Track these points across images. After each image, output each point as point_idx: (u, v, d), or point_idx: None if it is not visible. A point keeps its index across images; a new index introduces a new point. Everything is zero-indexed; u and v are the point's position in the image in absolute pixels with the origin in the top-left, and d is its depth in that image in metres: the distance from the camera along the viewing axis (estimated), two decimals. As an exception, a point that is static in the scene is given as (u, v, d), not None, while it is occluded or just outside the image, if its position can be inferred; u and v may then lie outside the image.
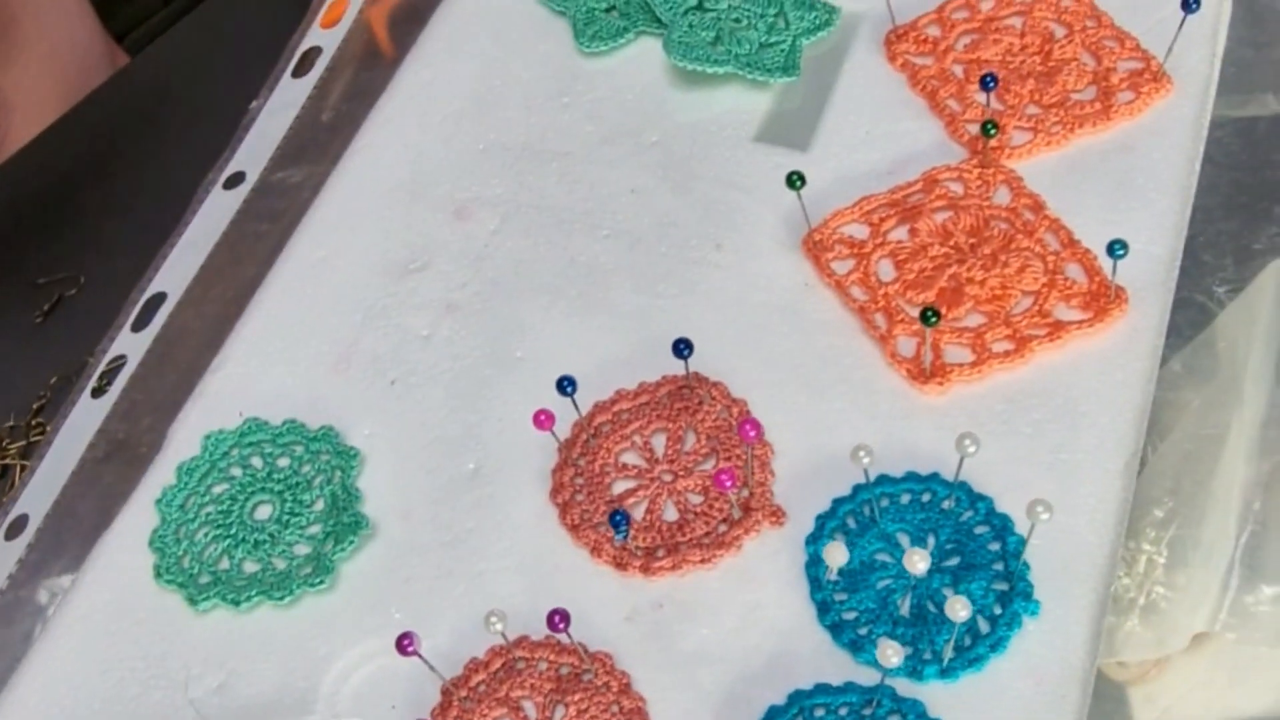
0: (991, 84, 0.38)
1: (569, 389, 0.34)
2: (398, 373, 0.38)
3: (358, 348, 0.39)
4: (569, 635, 0.31)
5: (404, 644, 0.30)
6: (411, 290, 0.40)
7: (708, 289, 0.39)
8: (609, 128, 0.42)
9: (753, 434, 0.32)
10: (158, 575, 0.35)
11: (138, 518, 0.36)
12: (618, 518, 0.32)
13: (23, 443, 0.52)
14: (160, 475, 0.37)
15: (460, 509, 0.36)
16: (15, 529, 0.38)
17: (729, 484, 0.32)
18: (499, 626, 0.31)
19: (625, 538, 0.33)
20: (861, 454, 0.32)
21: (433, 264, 0.40)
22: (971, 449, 0.32)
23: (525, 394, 0.37)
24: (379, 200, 0.42)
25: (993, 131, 0.38)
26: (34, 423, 0.53)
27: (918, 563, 0.30)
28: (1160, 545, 0.37)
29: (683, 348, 0.35)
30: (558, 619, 0.30)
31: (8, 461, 0.52)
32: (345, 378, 0.38)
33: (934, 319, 0.34)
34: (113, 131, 0.62)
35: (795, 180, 0.37)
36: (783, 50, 0.43)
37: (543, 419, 0.34)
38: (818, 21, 0.43)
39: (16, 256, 0.57)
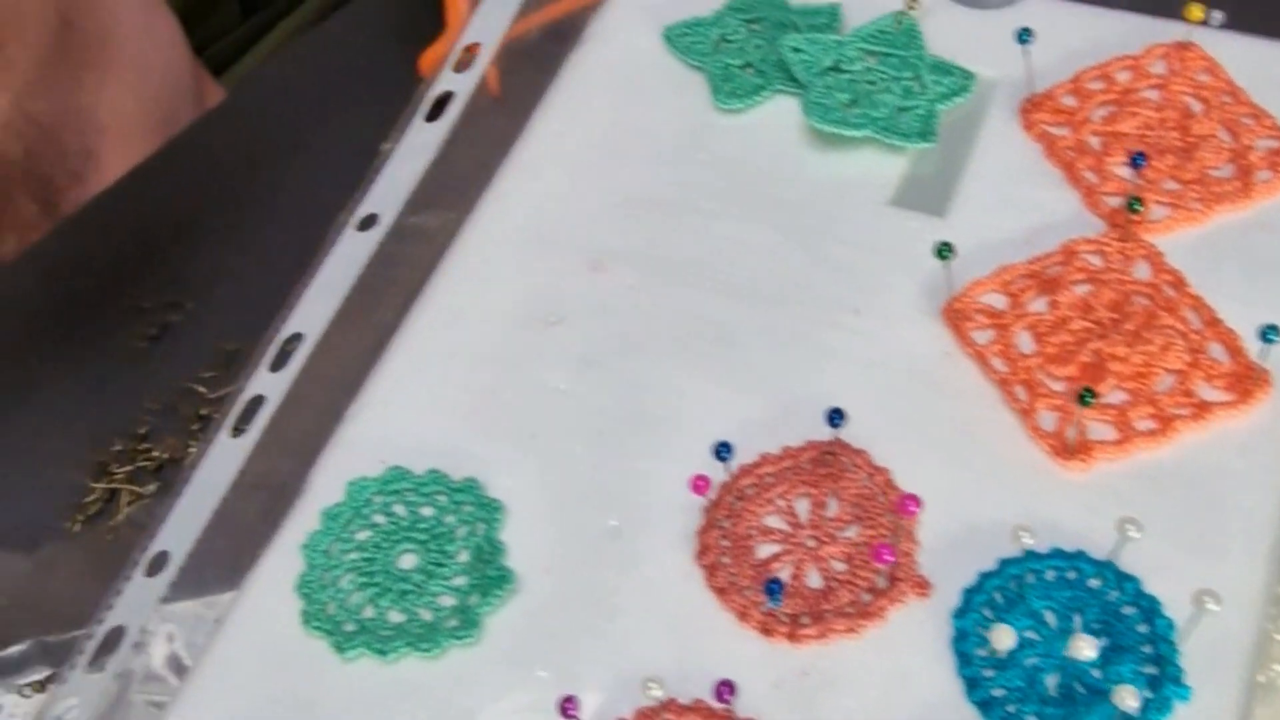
0: (1141, 162, 0.39)
1: (725, 455, 0.35)
2: (537, 426, 0.38)
3: (497, 399, 0.39)
4: (732, 706, 0.31)
5: (567, 708, 0.31)
6: (549, 344, 0.40)
7: (846, 353, 0.39)
8: (744, 185, 0.43)
9: (914, 509, 0.32)
10: (305, 621, 0.35)
11: (282, 561, 0.37)
12: (774, 586, 0.33)
13: (129, 467, 0.53)
14: (303, 519, 0.37)
15: (603, 566, 0.36)
16: (156, 565, 0.38)
17: (889, 558, 0.32)
18: (658, 694, 0.31)
19: (778, 605, 0.34)
20: (1023, 535, 0.32)
21: (569, 318, 0.41)
22: (1135, 534, 0.32)
23: (665, 453, 0.37)
24: (514, 250, 0.42)
25: (1138, 208, 0.39)
26: (139, 448, 0.54)
27: (1084, 649, 0.30)
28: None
29: (836, 417, 0.35)
30: (725, 690, 0.31)
31: (115, 485, 0.53)
32: (485, 429, 0.39)
33: (1090, 400, 0.34)
34: (217, 161, 0.63)
35: (944, 251, 0.38)
36: (919, 115, 0.43)
37: (700, 484, 0.34)
38: (954, 87, 0.44)
39: (124, 281, 0.58)
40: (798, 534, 0.36)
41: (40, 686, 0.48)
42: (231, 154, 0.62)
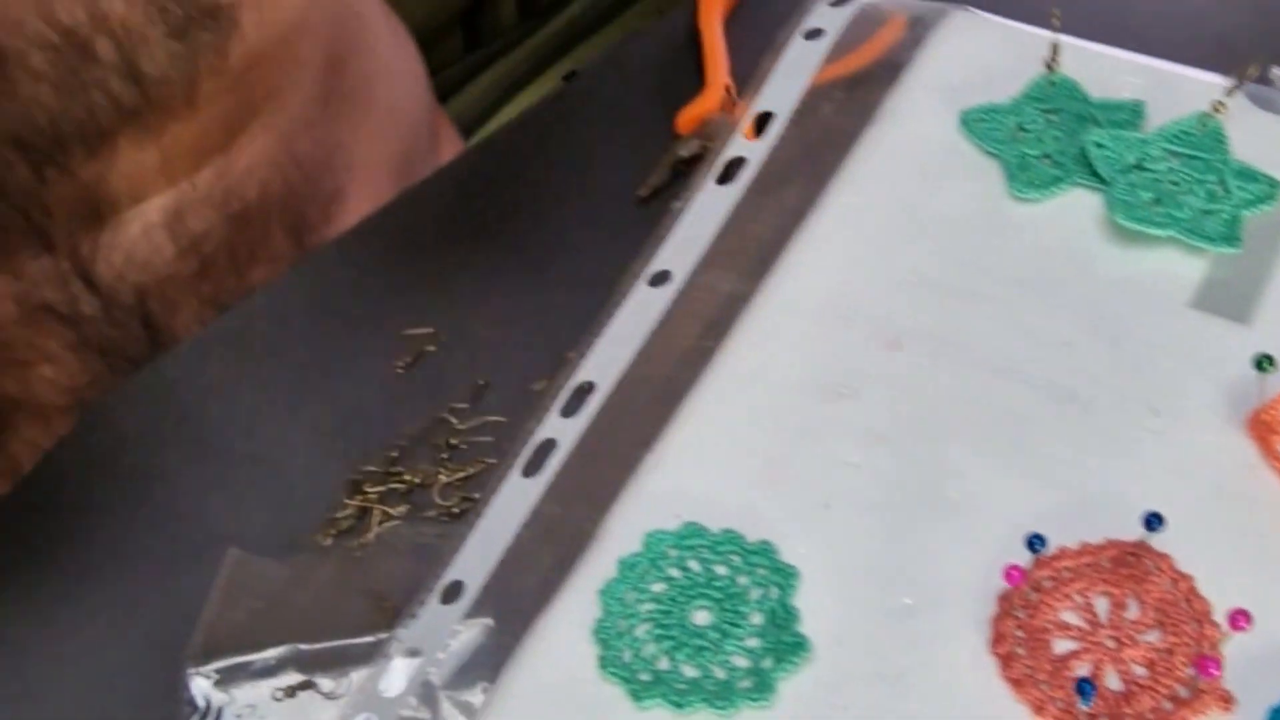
0: None
1: (1039, 547, 0.35)
2: (830, 496, 0.39)
3: (790, 466, 0.40)
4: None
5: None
6: (841, 416, 0.41)
7: (1143, 454, 0.39)
8: (1039, 275, 0.43)
9: (1244, 625, 0.32)
10: (603, 666, 0.36)
11: (577, 604, 0.38)
12: (1086, 686, 0.33)
13: (381, 488, 0.55)
14: (598, 565, 0.38)
15: (895, 644, 0.36)
16: (450, 594, 0.39)
17: (1214, 672, 0.32)
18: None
19: (1089, 705, 0.34)
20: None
21: (862, 392, 0.41)
22: None
23: (959, 536, 0.38)
24: (807, 320, 0.43)
25: None
26: (391, 470, 0.55)
27: None
28: None
29: (1154, 521, 0.35)
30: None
31: (366, 504, 0.55)
32: (778, 494, 0.39)
33: None
34: (467, 197, 0.65)
35: (1264, 364, 0.37)
36: (1224, 219, 0.43)
37: (1014, 574, 0.34)
38: (1260, 194, 0.43)
39: (385, 311, 0.60)
40: (1097, 633, 0.36)
41: (291, 692, 0.49)
42: (486, 194, 0.64)
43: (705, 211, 0.46)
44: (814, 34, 0.51)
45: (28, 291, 0.61)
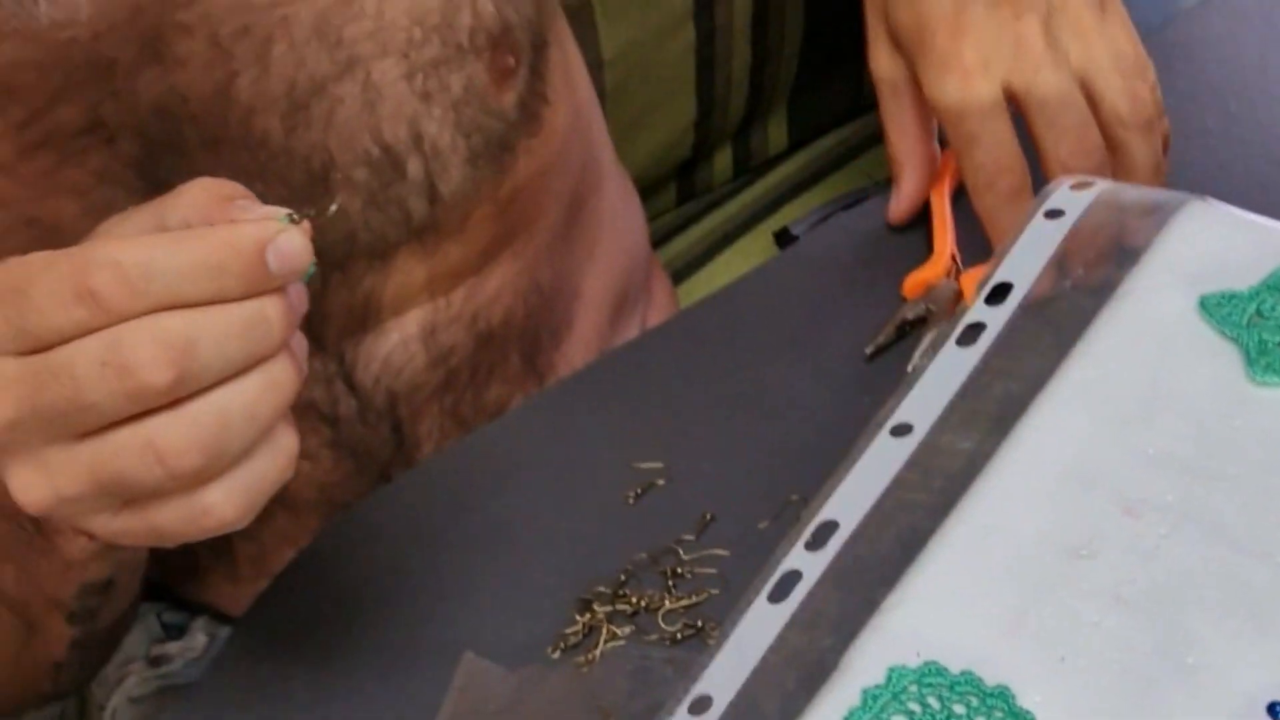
0: None
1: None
2: (1067, 651, 0.41)
3: (1029, 617, 0.42)
4: None
5: None
6: (1080, 575, 0.43)
7: (1381, 638, 0.40)
8: (1276, 458, 0.45)
9: None
10: (849, 790, 0.38)
11: (821, 728, 0.40)
12: None
13: (609, 608, 0.58)
14: (841, 693, 0.41)
15: (1130, 798, 0.38)
16: (699, 707, 0.42)
17: None
18: None
19: None
20: None
21: (1100, 554, 0.43)
22: None
23: (1197, 702, 0.39)
24: (1050, 481, 0.45)
25: None
26: (619, 593, 0.59)
27: None
28: None
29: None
30: None
31: (594, 622, 0.58)
32: (1016, 642, 0.41)
33: None
34: (699, 343, 0.69)
35: None
36: None
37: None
38: None
39: (615, 442, 0.64)
40: (1335, 807, 0.37)
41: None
42: (717, 340, 0.68)
43: (945, 371, 0.49)
44: (1054, 214, 0.54)
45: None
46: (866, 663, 0.41)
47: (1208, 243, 0.51)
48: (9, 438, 0.43)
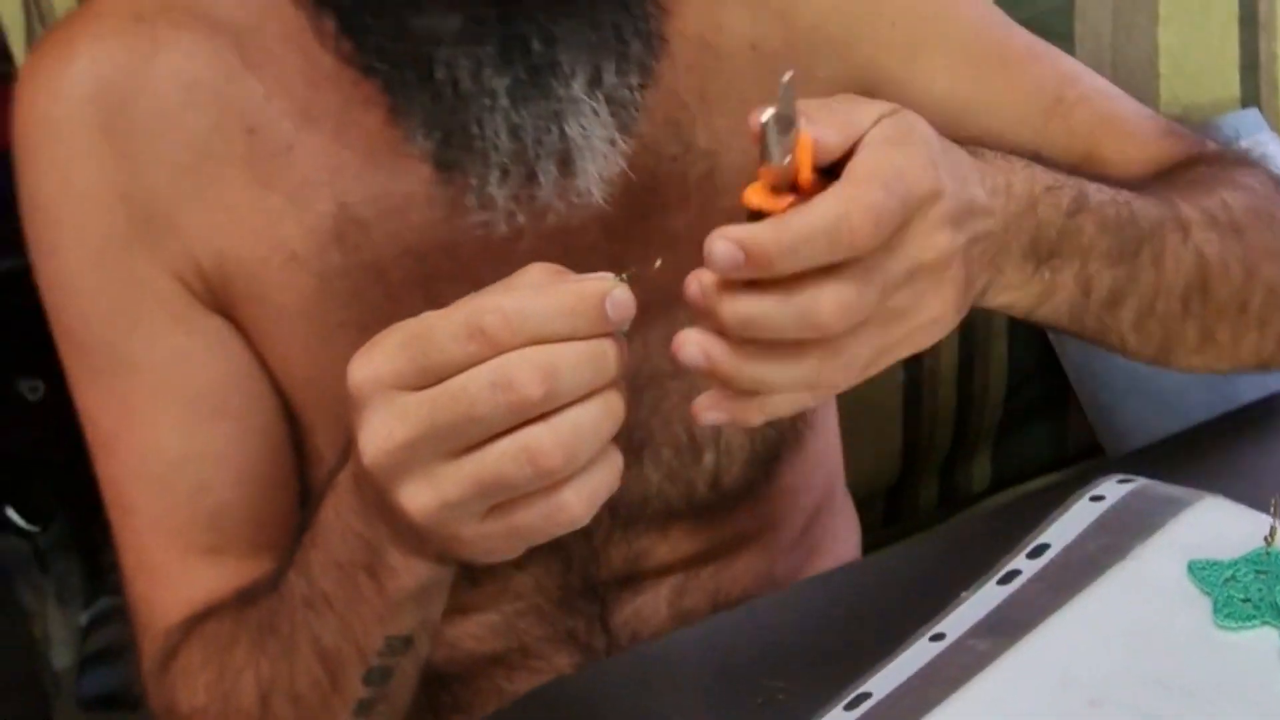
0: None
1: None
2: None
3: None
4: None
5: None
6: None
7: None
8: (1230, 682, 0.56)
9: None
10: None
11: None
12: None
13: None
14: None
15: None
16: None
17: None
18: None
19: None
20: None
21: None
22: None
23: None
24: (1035, 678, 0.58)
25: None
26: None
27: None
28: None
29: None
30: None
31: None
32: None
33: None
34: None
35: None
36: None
37: None
38: None
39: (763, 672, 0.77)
40: None
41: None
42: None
43: (983, 600, 0.64)
44: (1097, 499, 0.68)
45: (561, 618, 0.81)
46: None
47: (1208, 526, 0.64)
48: (405, 457, 0.52)
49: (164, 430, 0.71)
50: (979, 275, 0.58)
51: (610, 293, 0.52)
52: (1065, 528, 0.67)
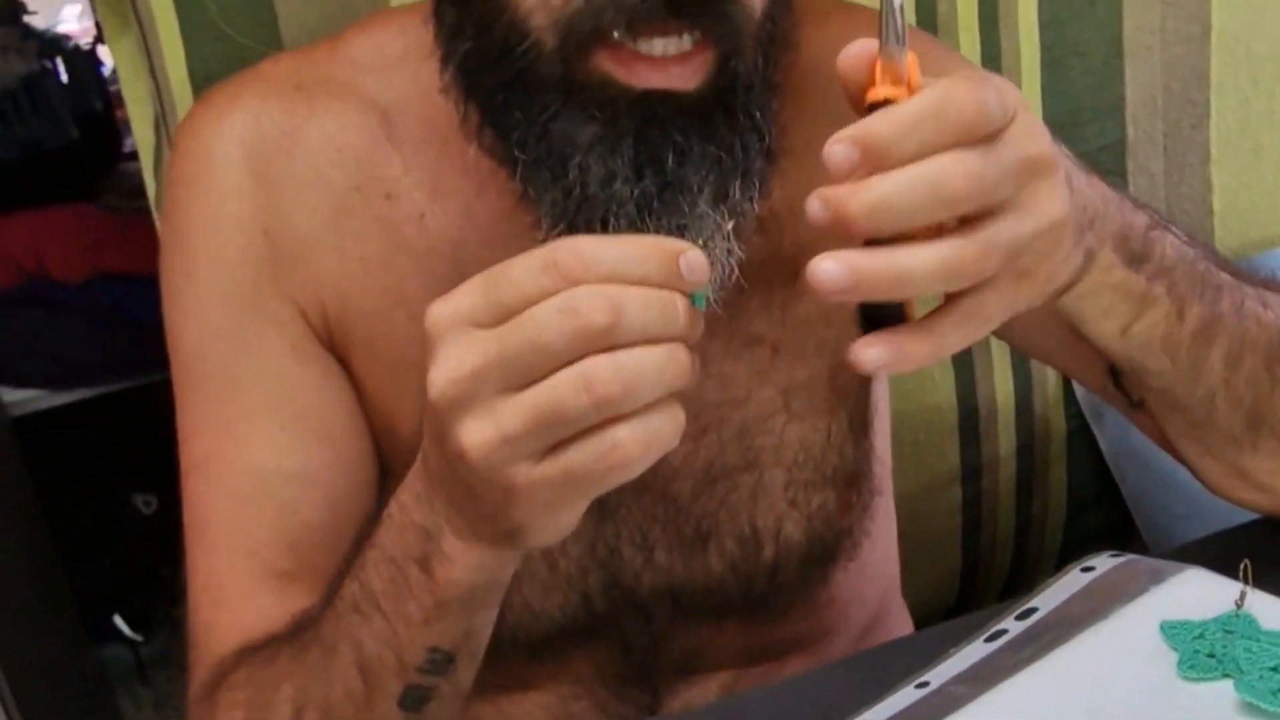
0: None
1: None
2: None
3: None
4: None
5: None
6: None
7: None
8: (1182, 723, 0.60)
9: None
10: None
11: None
12: None
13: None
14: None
15: None
16: None
17: None
18: None
19: None
20: None
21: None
22: None
23: None
24: (1005, 714, 0.62)
25: None
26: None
27: None
28: None
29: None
30: None
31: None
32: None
33: None
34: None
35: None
36: (1326, 711, 0.58)
37: None
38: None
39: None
40: None
41: None
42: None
43: (968, 655, 0.67)
44: (1088, 569, 0.72)
45: (614, 704, 0.84)
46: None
47: (1186, 592, 0.68)
48: (471, 388, 0.53)
49: (260, 445, 0.73)
50: (1084, 220, 0.58)
51: (686, 252, 0.54)
52: (1054, 594, 0.70)
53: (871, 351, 0.54)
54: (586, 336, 0.52)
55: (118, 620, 2.10)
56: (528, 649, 0.81)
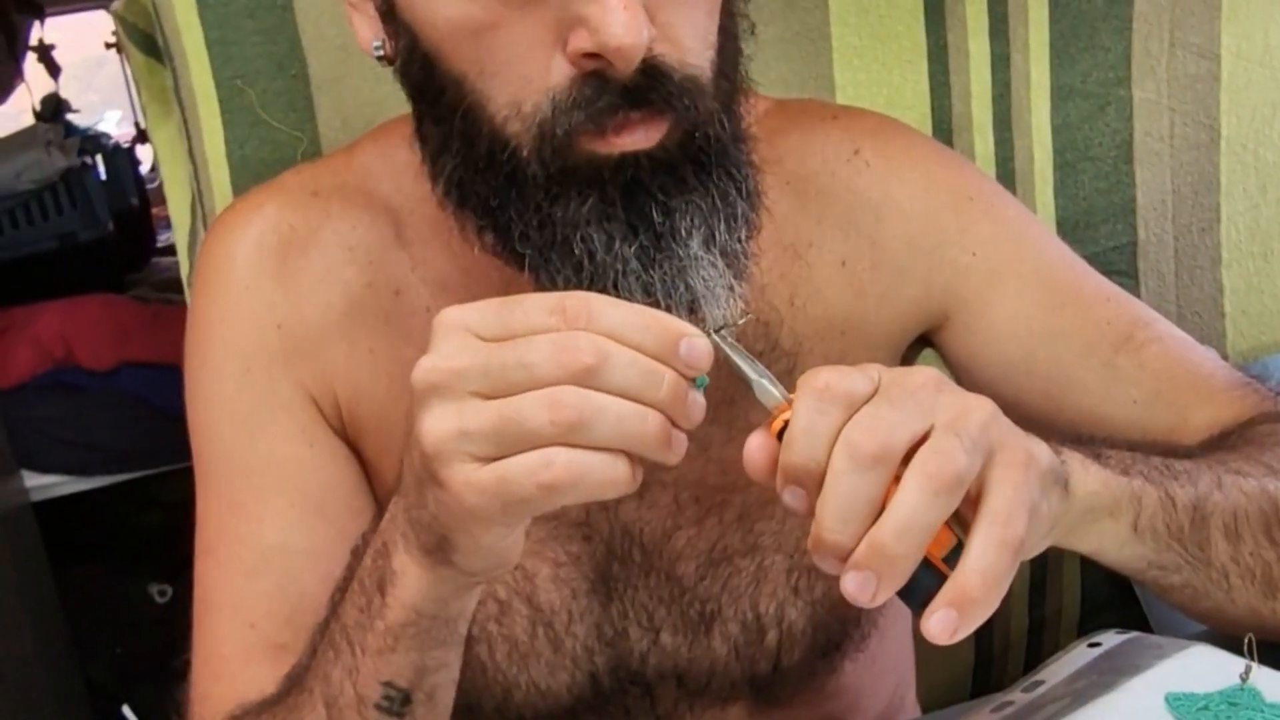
0: None
1: None
2: None
3: None
4: None
5: None
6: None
7: None
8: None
9: None
10: None
11: None
12: None
13: None
14: None
15: None
16: None
17: None
18: None
19: None
20: None
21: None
22: None
23: None
24: None
25: None
26: None
27: None
28: None
29: None
30: None
31: None
32: None
33: None
34: None
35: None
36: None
37: None
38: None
39: None
40: None
41: None
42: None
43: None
44: (1094, 645, 0.72)
45: None
46: None
47: (1191, 666, 0.68)
48: (450, 380, 0.56)
49: (268, 523, 0.77)
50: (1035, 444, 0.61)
51: (689, 333, 0.58)
52: (1061, 667, 0.71)
53: (940, 626, 0.57)
54: (568, 370, 0.56)
55: (126, 711, 2.08)
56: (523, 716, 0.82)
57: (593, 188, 0.66)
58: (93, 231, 2.08)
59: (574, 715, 0.83)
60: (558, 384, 0.56)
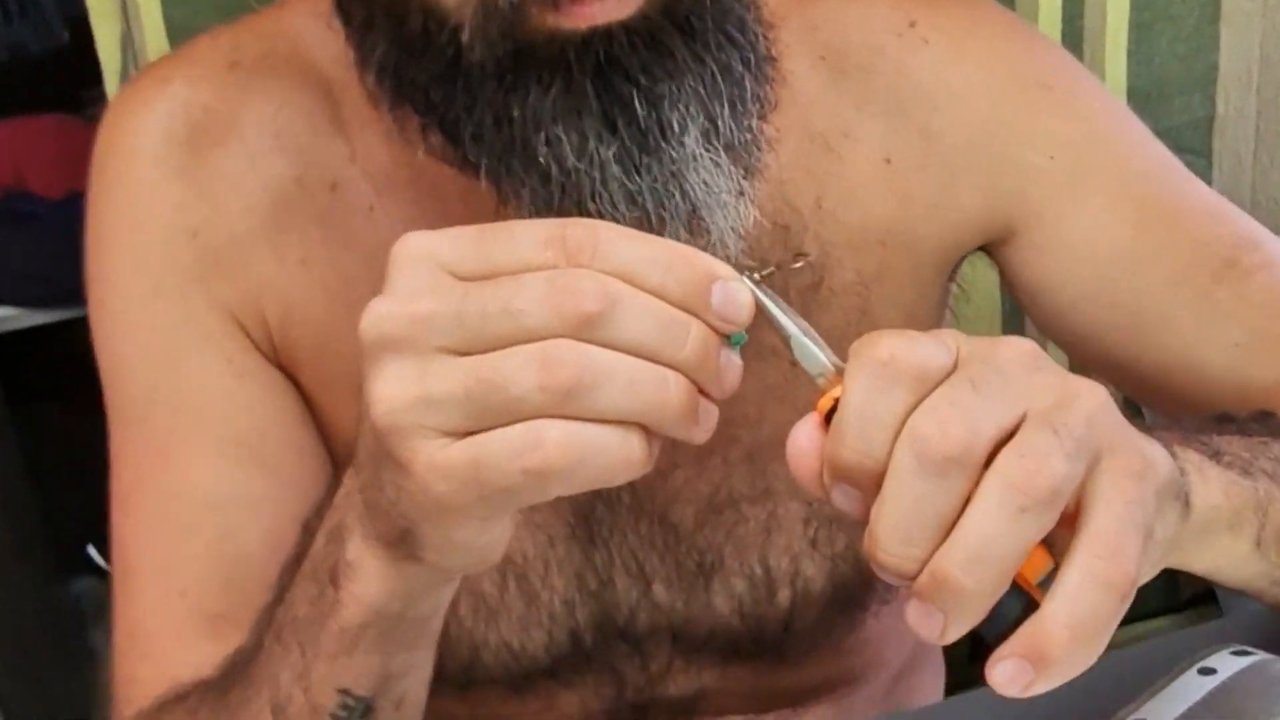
0: None
1: None
2: None
3: None
4: None
5: None
6: None
7: None
8: None
9: None
10: None
11: None
12: None
13: None
14: None
15: None
16: None
17: None
18: None
19: None
20: None
21: None
22: None
23: None
24: None
25: None
26: None
27: None
28: None
29: None
30: None
31: None
32: None
33: None
34: None
35: None
36: None
37: None
38: None
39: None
40: None
41: None
42: None
43: None
44: (1207, 671, 0.59)
45: None
46: None
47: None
48: (414, 330, 0.43)
49: (195, 472, 0.66)
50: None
51: (725, 278, 0.45)
52: (1168, 703, 0.58)
53: (1003, 669, 0.43)
54: (566, 319, 0.43)
55: (91, 551, 2.01)
56: (508, 686, 0.73)
57: (555, 73, 0.54)
58: (46, 42, 1.93)
59: (553, 676, 0.74)
60: (552, 336, 0.43)
